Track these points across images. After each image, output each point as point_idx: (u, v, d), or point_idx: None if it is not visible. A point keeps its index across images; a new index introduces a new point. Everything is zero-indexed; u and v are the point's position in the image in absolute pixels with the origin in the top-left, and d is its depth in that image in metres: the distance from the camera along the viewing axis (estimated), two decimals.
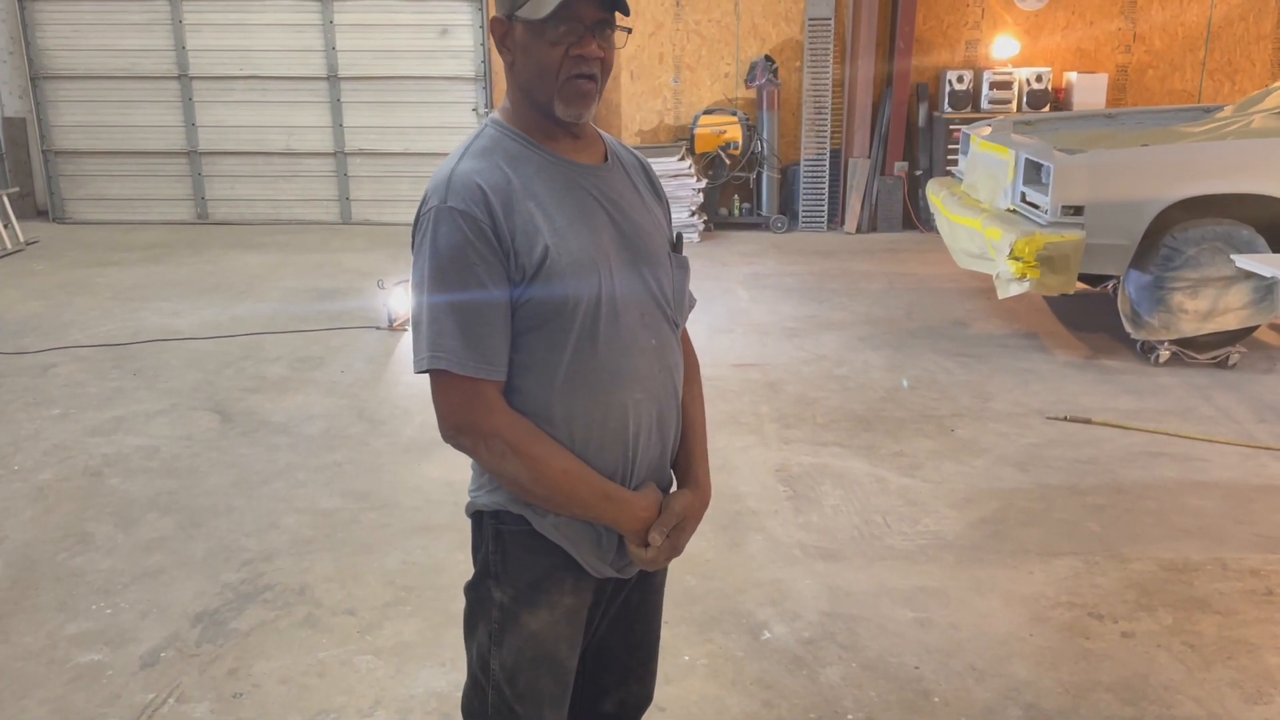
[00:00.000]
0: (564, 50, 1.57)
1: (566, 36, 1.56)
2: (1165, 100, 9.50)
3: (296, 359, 5.76)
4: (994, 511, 3.99)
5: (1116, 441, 4.65)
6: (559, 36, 1.56)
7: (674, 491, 1.81)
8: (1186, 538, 3.78)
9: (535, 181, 1.62)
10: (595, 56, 1.59)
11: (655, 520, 1.70)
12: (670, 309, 1.75)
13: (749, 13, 9.41)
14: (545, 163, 1.64)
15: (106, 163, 9.68)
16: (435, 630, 3.18)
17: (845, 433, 4.76)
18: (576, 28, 1.56)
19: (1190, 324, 5.41)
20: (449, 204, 1.56)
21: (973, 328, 6.41)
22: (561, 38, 1.56)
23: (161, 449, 4.57)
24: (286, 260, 8.21)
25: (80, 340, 6.09)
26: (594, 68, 1.59)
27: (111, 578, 3.50)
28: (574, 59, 1.57)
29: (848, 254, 8.53)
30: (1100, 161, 5.37)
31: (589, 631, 1.81)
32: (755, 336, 6.22)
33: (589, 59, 1.58)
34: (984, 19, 9.44)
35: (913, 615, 3.28)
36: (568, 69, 1.58)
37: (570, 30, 1.56)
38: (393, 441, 4.65)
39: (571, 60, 1.57)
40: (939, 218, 6.54)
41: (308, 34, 9.35)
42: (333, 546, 3.72)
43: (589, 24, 1.57)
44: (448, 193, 1.57)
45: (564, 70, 1.58)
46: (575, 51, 1.57)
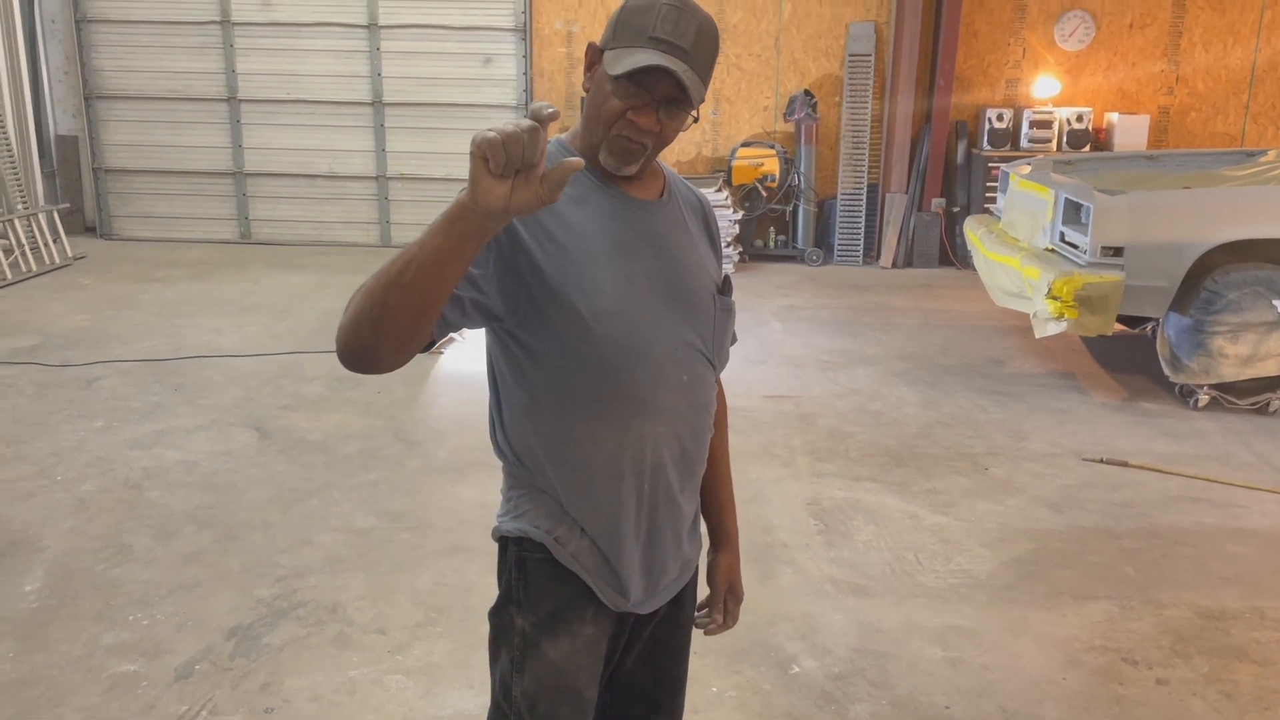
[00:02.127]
0: (624, 109, 1.57)
1: (632, 99, 1.56)
2: (1207, 143, 9.44)
3: (334, 378, 5.83)
4: (1028, 552, 3.96)
5: (1153, 485, 4.60)
6: (625, 95, 1.56)
7: (711, 561, 1.98)
8: (1224, 585, 3.72)
9: (580, 205, 1.64)
10: (649, 129, 1.58)
11: None
12: (707, 349, 1.76)
13: (789, 48, 9.48)
14: (596, 189, 1.66)
15: (154, 181, 9.88)
16: (465, 652, 3.20)
17: (878, 468, 4.74)
18: (644, 95, 1.56)
19: (1230, 369, 5.36)
20: None
21: (1009, 366, 6.38)
22: (627, 98, 1.56)
23: (200, 464, 4.63)
24: (326, 281, 8.32)
25: (124, 355, 6.21)
26: (646, 138, 1.59)
27: (149, 589, 3.56)
28: (629, 122, 1.58)
29: (883, 289, 8.52)
30: (1141, 203, 5.35)
31: (610, 663, 1.81)
32: (789, 368, 6.22)
33: (643, 130, 1.58)
34: (1025, 58, 9.45)
35: (944, 654, 3.25)
36: (620, 127, 1.59)
37: (637, 95, 1.56)
38: (428, 463, 4.69)
39: (626, 122, 1.58)
40: (976, 255, 6.53)
41: (355, 60, 9.53)
42: (366, 565, 3.76)
43: (657, 97, 1.57)
44: None
45: (617, 126, 1.59)
46: (633, 116, 1.58)
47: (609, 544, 1.71)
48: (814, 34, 9.42)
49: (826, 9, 9.36)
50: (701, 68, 1.58)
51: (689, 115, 1.62)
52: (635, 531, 1.72)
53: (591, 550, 1.71)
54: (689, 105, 1.58)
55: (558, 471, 1.69)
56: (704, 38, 1.57)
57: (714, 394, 1.82)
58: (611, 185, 1.68)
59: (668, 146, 1.68)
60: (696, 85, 1.55)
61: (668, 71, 1.53)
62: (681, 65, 1.54)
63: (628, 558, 1.72)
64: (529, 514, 1.72)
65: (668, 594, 1.83)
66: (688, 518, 1.84)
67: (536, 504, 1.72)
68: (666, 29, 1.54)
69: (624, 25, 1.57)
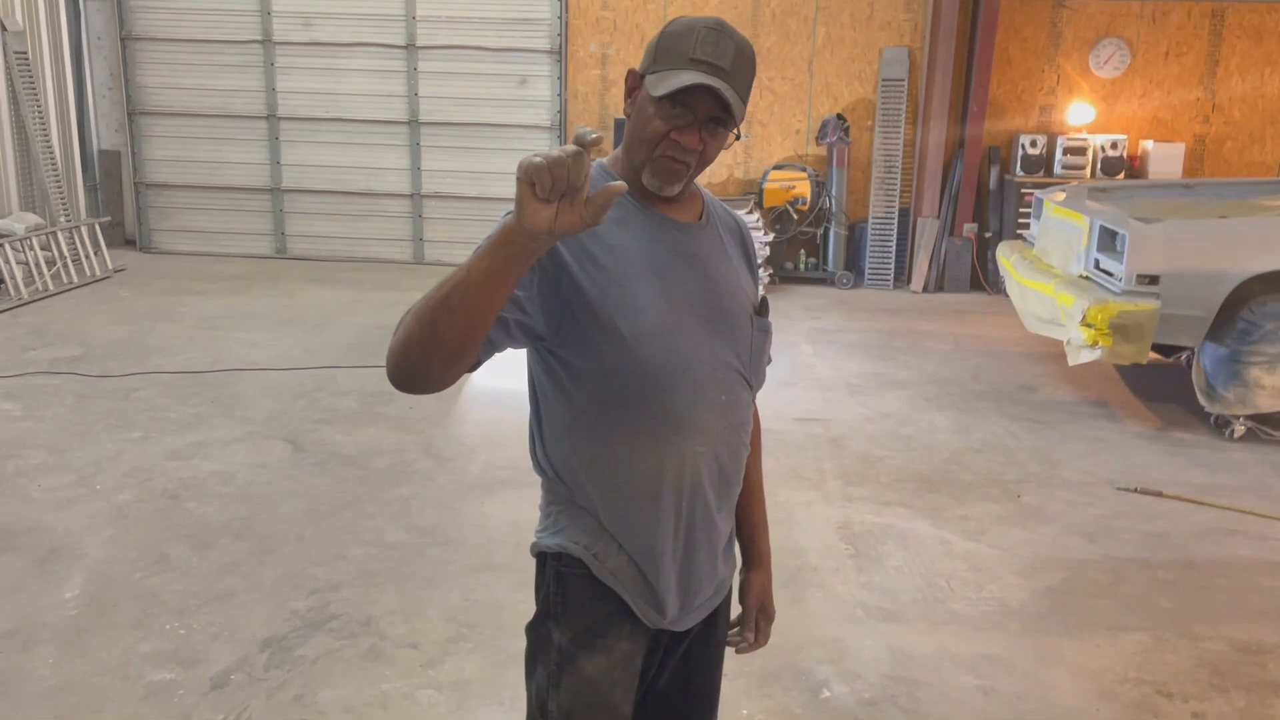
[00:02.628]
0: (668, 130, 1.61)
1: (675, 120, 1.60)
2: (1244, 172, 9.38)
3: (367, 393, 5.89)
4: (1061, 581, 3.93)
5: (1189, 516, 4.56)
6: (669, 116, 1.60)
7: (744, 580, 1.99)
8: (1261, 619, 3.68)
9: (621, 227, 1.67)
10: (694, 148, 1.62)
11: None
12: (745, 369, 1.79)
13: (823, 72, 9.52)
14: (636, 212, 1.70)
15: (194, 196, 10.04)
16: (495, 668, 3.22)
17: (909, 493, 4.73)
18: (686, 115, 1.60)
19: (1267, 400, 5.31)
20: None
21: (1041, 393, 6.34)
22: (671, 118, 1.60)
23: (237, 475, 4.69)
24: (360, 297, 8.41)
25: (163, 366, 6.30)
26: (690, 157, 1.63)
27: (185, 599, 3.60)
28: (672, 141, 1.62)
29: (914, 313, 8.50)
30: (1177, 231, 5.32)
31: (645, 680, 1.83)
32: (819, 391, 6.22)
33: (687, 149, 1.62)
34: (1059, 85, 9.44)
35: (976, 683, 3.24)
36: (665, 147, 1.62)
37: (681, 115, 1.60)
38: (458, 478, 4.73)
39: (670, 142, 1.62)
40: (1009, 281, 6.51)
41: (392, 80, 9.66)
42: (398, 580, 3.79)
43: (700, 117, 1.60)
44: None
45: (661, 147, 1.62)
46: (676, 136, 1.61)
47: (647, 561, 1.73)
48: (847, 58, 9.45)
49: (860, 34, 9.40)
50: (741, 87, 1.62)
51: (731, 134, 1.66)
52: (673, 550, 1.74)
53: (629, 567, 1.73)
54: (730, 124, 1.63)
55: (597, 489, 1.71)
56: (742, 59, 1.61)
57: (750, 414, 1.85)
58: (651, 208, 1.71)
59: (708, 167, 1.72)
60: (738, 103, 1.59)
61: (710, 89, 1.57)
62: (723, 84, 1.58)
63: (664, 575, 1.74)
64: (568, 530, 1.74)
65: (703, 612, 1.84)
66: (724, 537, 1.85)
67: (575, 520, 1.74)
68: (706, 50, 1.58)
69: (664, 50, 1.62)
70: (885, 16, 9.34)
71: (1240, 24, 9.17)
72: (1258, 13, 9.14)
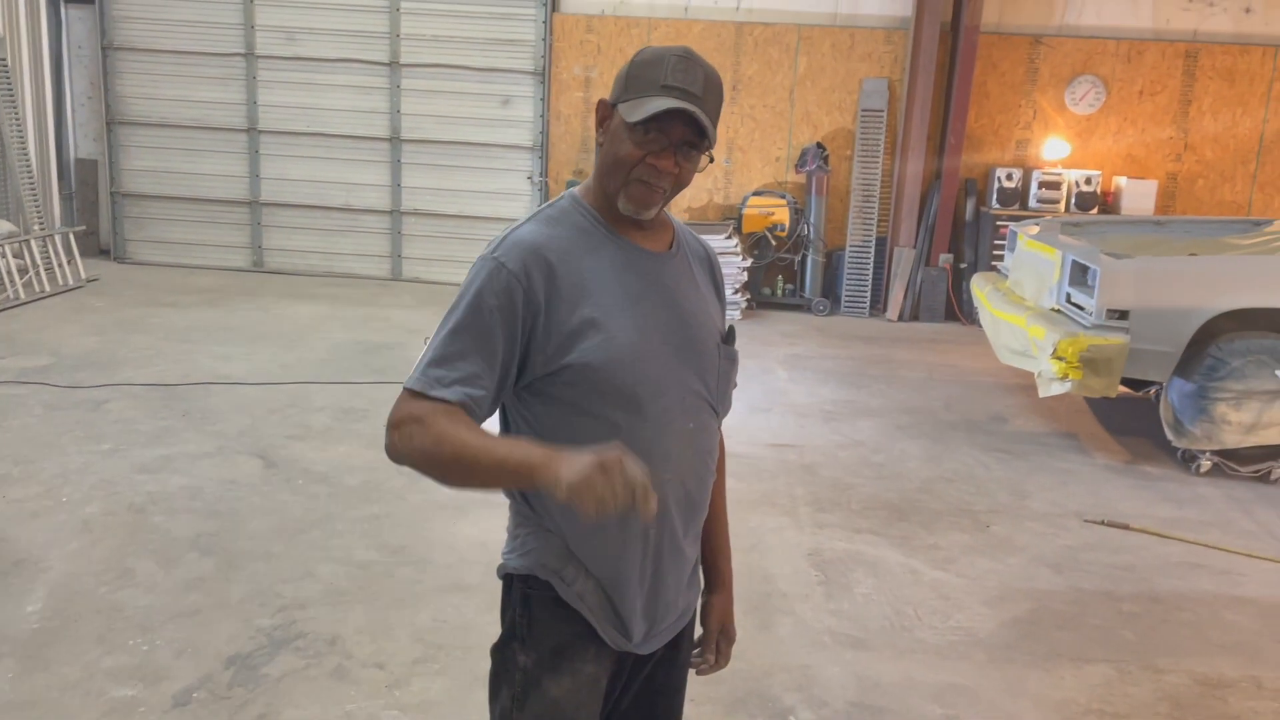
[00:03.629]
0: (643, 155, 1.65)
1: (650, 144, 1.64)
2: (1214, 210, 9.53)
3: (341, 410, 5.86)
4: (1027, 612, 3.96)
5: (1154, 550, 4.60)
6: (643, 142, 1.64)
7: (705, 602, 2.00)
8: (1222, 653, 3.72)
9: (592, 257, 1.70)
10: (669, 172, 1.66)
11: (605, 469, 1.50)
12: (712, 397, 1.81)
13: (803, 100, 9.61)
14: (607, 242, 1.72)
15: (170, 207, 9.99)
16: (462, 690, 3.20)
17: (880, 521, 4.75)
18: (661, 140, 1.64)
19: (1233, 436, 5.38)
20: (496, 256, 1.67)
21: (1012, 424, 6.40)
22: (645, 144, 1.64)
23: (205, 490, 4.66)
24: (337, 312, 8.39)
25: (133, 378, 6.25)
26: (665, 181, 1.67)
27: (150, 614, 3.57)
28: (648, 166, 1.65)
29: (889, 341, 8.57)
30: (1147, 268, 5.40)
31: (609, 703, 1.83)
32: (793, 418, 6.25)
33: (662, 172, 1.66)
34: (1035, 120, 9.58)
35: (941, 712, 3.25)
36: (640, 172, 1.66)
37: (655, 140, 1.64)
38: (430, 498, 4.71)
39: (646, 166, 1.65)
40: (983, 312, 6.58)
41: (375, 96, 9.67)
42: (366, 599, 3.76)
43: (674, 140, 1.65)
44: (500, 247, 1.69)
45: (636, 171, 1.66)
46: (652, 160, 1.65)
47: (614, 586, 1.74)
48: (828, 88, 9.56)
49: (841, 64, 9.51)
50: (712, 112, 1.67)
51: (704, 157, 1.70)
52: (640, 576, 1.76)
53: (596, 590, 1.74)
54: (703, 147, 1.68)
55: (565, 514, 1.72)
56: (711, 85, 1.67)
57: (717, 441, 1.87)
58: (622, 237, 1.74)
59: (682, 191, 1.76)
60: (710, 127, 1.65)
61: (686, 113, 1.62)
62: (696, 108, 1.62)
63: (631, 601, 1.75)
64: (535, 552, 1.75)
65: (668, 635, 1.86)
66: (690, 563, 1.87)
67: (543, 543, 1.75)
68: (678, 77, 1.63)
69: (635, 78, 1.66)
70: (866, 48, 9.46)
71: (1213, 65, 9.35)
72: (1230, 55, 9.33)
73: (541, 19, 9.48)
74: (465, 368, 1.63)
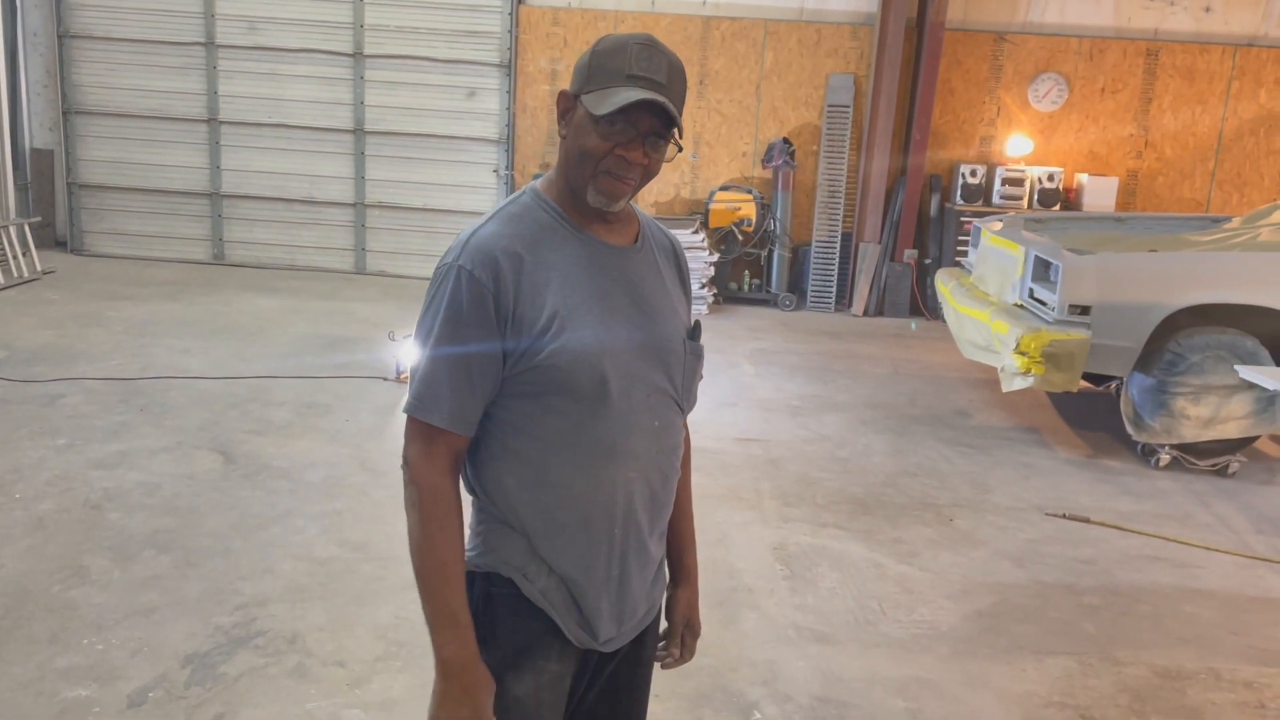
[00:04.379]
0: (611, 146, 1.63)
1: (617, 136, 1.62)
2: (1174, 207, 9.66)
3: (302, 405, 5.79)
4: (990, 605, 3.99)
5: (1114, 543, 4.65)
6: (611, 134, 1.62)
7: (670, 596, 1.97)
8: (1181, 645, 3.77)
9: (556, 254, 1.67)
10: (638, 162, 1.64)
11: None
12: (677, 394, 1.79)
13: (770, 95, 9.62)
14: (571, 237, 1.70)
15: (128, 199, 9.82)
16: (424, 688, 3.15)
17: (845, 515, 4.77)
18: (629, 131, 1.62)
19: (1191, 430, 5.45)
20: (460, 262, 1.64)
21: (975, 418, 6.45)
22: (613, 135, 1.62)
23: (163, 486, 4.58)
24: (299, 306, 8.29)
25: (89, 372, 6.13)
26: (634, 172, 1.65)
27: (104, 613, 3.50)
28: (617, 158, 1.63)
29: (854, 336, 8.60)
30: (1108, 264, 5.45)
31: (573, 700, 1.82)
32: (759, 412, 6.25)
33: (631, 163, 1.64)
34: (999, 117, 9.65)
35: (904, 705, 3.26)
36: (608, 164, 1.64)
37: (623, 131, 1.62)
38: (393, 493, 4.66)
39: (615, 158, 1.63)
40: (946, 307, 6.62)
41: (338, 88, 9.56)
42: (327, 596, 3.72)
43: (642, 131, 1.62)
44: (463, 252, 1.65)
45: (605, 163, 1.64)
46: (621, 152, 1.63)
47: (578, 585, 1.72)
48: (794, 83, 9.57)
49: (808, 60, 9.52)
50: (677, 101, 1.65)
51: (671, 147, 1.67)
52: (606, 575, 1.74)
53: (560, 588, 1.72)
54: (670, 137, 1.65)
55: (529, 512, 1.70)
56: (675, 73, 1.65)
57: (681, 437, 1.85)
58: (586, 231, 1.71)
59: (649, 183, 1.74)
60: (678, 117, 1.63)
61: (655, 104, 1.59)
62: (664, 99, 1.60)
63: (596, 599, 1.74)
64: (498, 550, 1.72)
65: (633, 633, 1.84)
66: (655, 560, 1.85)
67: (505, 541, 1.72)
68: (642, 66, 1.61)
69: (598, 68, 1.63)
70: (832, 44, 9.49)
71: (1173, 64, 9.47)
72: (1190, 53, 9.45)
73: (507, 11, 9.40)
74: (453, 388, 1.63)
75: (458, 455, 1.68)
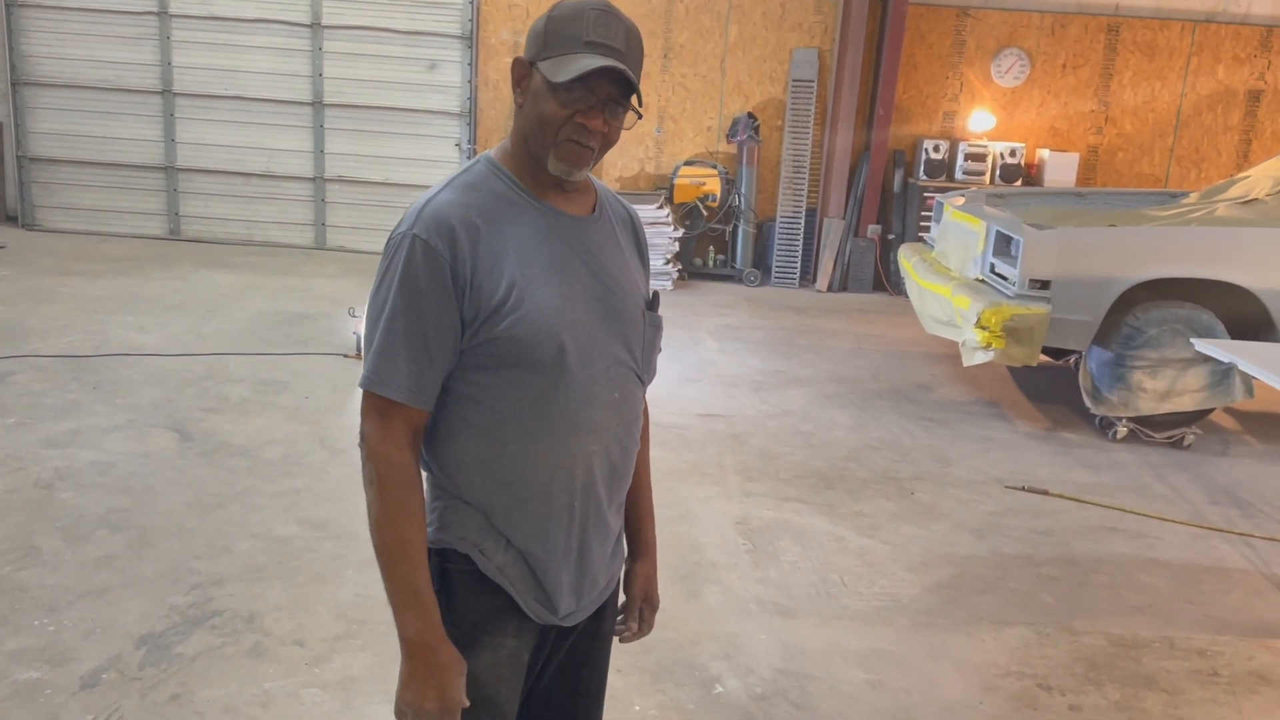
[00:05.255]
0: (570, 114, 1.59)
1: (577, 103, 1.59)
2: (1133, 183, 9.75)
3: (260, 382, 5.71)
4: (950, 577, 4.02)
5: (1072, 514, 4.71)
6: (570, 101, 1.59)
7: (629, 570, 1.96)
8: (1136, 614, 3.82)
9: (513, 224, 1.64)
10: (599, 130, 1.61)
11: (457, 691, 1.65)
12: (637, 365, 1.77)
13: (734, 69, 9.57)
14: (528, 207, 1.67)
15: (81, 172, 9.61)
16: (385, 666, 3.14)
17: (807, 489, 4.78)
18: (589, 98, 1.59)
19: (1148, 403, 5.52)
20: (415, 231, 1.60)
21: (937, 393, 6.49)
22: (572, 103, 1.59)
23: (116, 465, 4.50)
24: (257, 282, 8.16)
25: (41, 349, 6.00)
26: (594, 140, 1.62)
27: (56, 594, 3.43)
28: (577, 125, 1.60)
29: (818, 312, 8.62)
30: (1068, 238, 5.49)
31: (531, 675, 1.81)
32: (723, 388, 6.25)
33: (592, 131, 1.61)
34: (962, 92, 9.67)
35: (865, 677, 3.28)
36: (569, 131, 1.61)
37: (582, 99, 1.59)
38: (352, 471, 4.60)
39: (575, 126, 1.60)
40: (909, 282, 6.64)
41: (296, 59, 9.38)
42: (285, 575, 3.67)
43: (601, 99, 1.59)
44: (417, 221, 1.61)
45: (565, 131, 1.61)
46: (581, 120, 1.60)
47: (537, 559, 1.71)
48: (759, 57, 9.53)
49: (772, 34, 9.48)
50: (635, 67, 1.62)
51: (630, 114, 1.65)
52: (565, 548, 1.72)
53: (518, 562, 1.70)
54: (629, 104, 1.63)
55: (488, 487, 1.68)
56: (633, 39, 1.62)
57: (641, 410, 1.83)
58: (542, 201, 1.68)
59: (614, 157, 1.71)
60: (637, 84, 1.61)
61: (615, 70, 1.57)
62: (623, 65, 1.58)
63: (555, 573, 1.72)
64: (453, 525, 1.70)
65: (592, 607, 1.83)
66: (615, 532, 1.84)
67: (461, 516, 1.70)
68: (600, 32, 1.58)
69: (554, 34, 1.60)
70: (796, 18, 9.45)
71: (1134, 39, 9.53)
72: (1150, 29, 9.51)
73: None
74: (410, 360, 1.59)
75: (416, 430, 1.64)
